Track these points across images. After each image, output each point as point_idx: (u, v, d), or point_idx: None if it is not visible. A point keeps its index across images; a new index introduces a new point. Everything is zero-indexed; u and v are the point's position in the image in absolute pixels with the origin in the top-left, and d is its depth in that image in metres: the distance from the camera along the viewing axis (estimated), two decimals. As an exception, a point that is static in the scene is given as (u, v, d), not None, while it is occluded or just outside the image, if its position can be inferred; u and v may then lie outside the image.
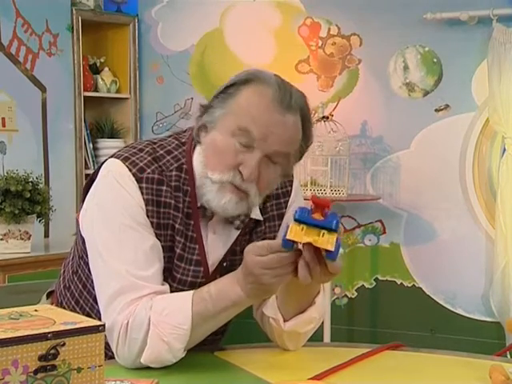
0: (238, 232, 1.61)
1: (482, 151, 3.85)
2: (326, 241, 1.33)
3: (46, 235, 4.09)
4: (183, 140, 1.62)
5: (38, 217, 3.48)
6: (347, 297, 4.16)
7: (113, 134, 4.41)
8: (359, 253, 4.13)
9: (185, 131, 1.65)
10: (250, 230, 1.64)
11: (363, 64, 4.07)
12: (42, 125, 4.16)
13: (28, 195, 3.35)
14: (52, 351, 1.04)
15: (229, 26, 4.31)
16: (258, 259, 1.40)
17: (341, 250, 1.39)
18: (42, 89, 4.15)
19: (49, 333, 1.04)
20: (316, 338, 1.71)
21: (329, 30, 4.13)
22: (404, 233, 4.04)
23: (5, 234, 3.42)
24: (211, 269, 1.60)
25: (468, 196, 3.88)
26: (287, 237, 1.34)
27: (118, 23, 4.43)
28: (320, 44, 4.14)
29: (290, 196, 1.69)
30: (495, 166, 3.80)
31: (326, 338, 3.70)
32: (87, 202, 1.59)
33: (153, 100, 4.48)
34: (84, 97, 4.25)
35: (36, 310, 1.15)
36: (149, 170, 1.54)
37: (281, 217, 1.67)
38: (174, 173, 1.55)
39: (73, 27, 4.22)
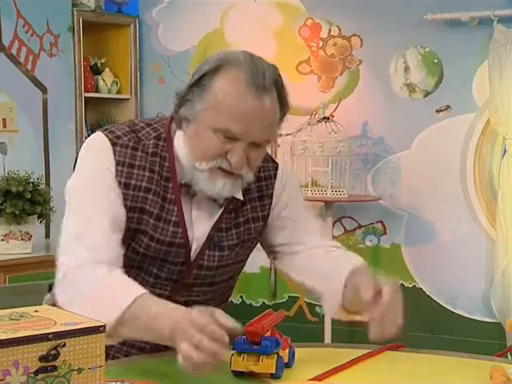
0: (222, 209, 1.64)
1: (482, 152, 3.85)
2: (266, 365, 1.42)
3: (47, 236, 4.09)
4: (166, 116, 1.69)
5: (38, 217, 3.48)
6: (348, 297, 4.16)
7: (113, 135, 4.41)
8: (360, 254, 4.10)
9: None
10: (236, 209, 1.66)
11: (364, 65, 4.07)
12: (43, 125, 4.16)
13: (29, 196, 3.35)
14: (53, 352, 1.04)
15: (229, 26, 4.31)
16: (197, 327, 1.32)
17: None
18: (43, 89, 4.15)
19: (49, 333, 1.04)
20: (316, 338, 1.71)
21: (329, 30, 4.13)
22: (405, 233, 4.03)
23: (6, 235, 3.42)
24: (198, 243, 1.61)
25: (469, 197, 3.88)
26: (231, 368, 1.43)
27: (119, 24, 4.44)
28: (321, 45, 4.14)
29: (273, 179, 1.72)
30: (496, 167, 3.80)
31: (327, 338, 3.68)
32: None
33: (153, 101, 4.48)
34: (85, 97, 4.25)
35: (36, 311, 1.15)
36: (125, 138, 1.60)
37: (261, 198, 1.70)
38: (152, 141, 1.61)
39: (73, 28, 4.22)
